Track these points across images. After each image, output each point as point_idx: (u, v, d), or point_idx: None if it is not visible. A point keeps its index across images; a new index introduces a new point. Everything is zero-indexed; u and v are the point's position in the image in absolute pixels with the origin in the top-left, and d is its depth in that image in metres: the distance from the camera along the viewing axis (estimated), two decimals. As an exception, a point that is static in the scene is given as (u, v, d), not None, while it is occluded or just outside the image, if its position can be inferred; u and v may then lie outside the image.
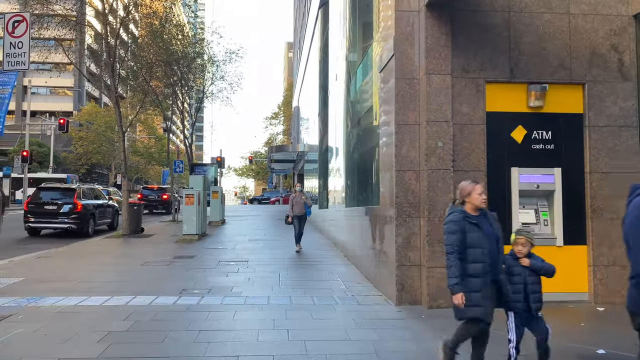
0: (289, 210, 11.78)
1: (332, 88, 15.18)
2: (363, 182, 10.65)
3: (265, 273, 8.78)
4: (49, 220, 15.14)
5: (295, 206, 11.72)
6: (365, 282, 8.01)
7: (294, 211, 11.70)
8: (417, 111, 6.58)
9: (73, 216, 15.14)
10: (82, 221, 15.38)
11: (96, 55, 20.71)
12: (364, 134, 10.94)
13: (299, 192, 12.03)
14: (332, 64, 15.36)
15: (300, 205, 11.73)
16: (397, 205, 6.47)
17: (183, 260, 10.31)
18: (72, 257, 10.57)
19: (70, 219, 15.11)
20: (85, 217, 15.52)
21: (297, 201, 11.73)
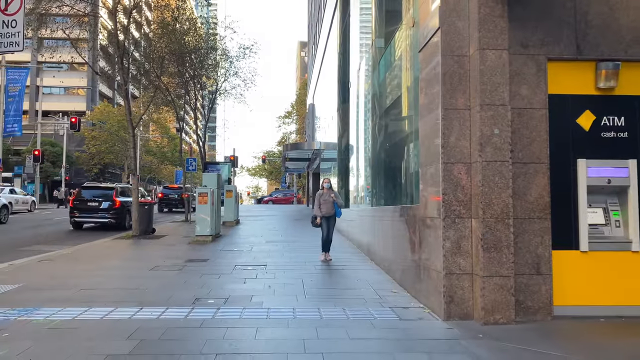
0: (316, 210, 10.18)
1: (354, 80, 14.27)
2: (392, 179, 9.72)
3: (287, 279, 7.89)
4: (91, 215, 17.34)
5: (323, 205, 10.14)
6: (400, 290, 7.08)
7: (322, 211, 10.13)
8: (467, 93, 5.64)
9: (112, 212, 17.26)
10: (120, 216, 17.48)
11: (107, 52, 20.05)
12: (393, 126, 10.02)
13: (327, 189, 10.22)
14: (354, 54, 14.45)
15: (329, 204, 10.11)
16: (444, 204, 5.53)
17: (196, 264, 9.47)
18: (76, 261, 9.78)
19: (109, 214, 17.23)
20: (123, 213, 17.55)
21: (325, 200, 10.11)
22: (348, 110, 15.23)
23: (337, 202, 10.09)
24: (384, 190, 10.26)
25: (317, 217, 10.07)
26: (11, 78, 30.08)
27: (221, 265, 9.28)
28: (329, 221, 10.11)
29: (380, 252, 9.13)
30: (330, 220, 10.12)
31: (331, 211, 10.07)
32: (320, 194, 10.23)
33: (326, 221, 10.07)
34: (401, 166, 9.48)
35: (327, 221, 10.07)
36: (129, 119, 14.59)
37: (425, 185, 6.20)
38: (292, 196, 57.30)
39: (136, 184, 14.87)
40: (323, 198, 10.10)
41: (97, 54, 16.96)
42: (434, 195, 5.80)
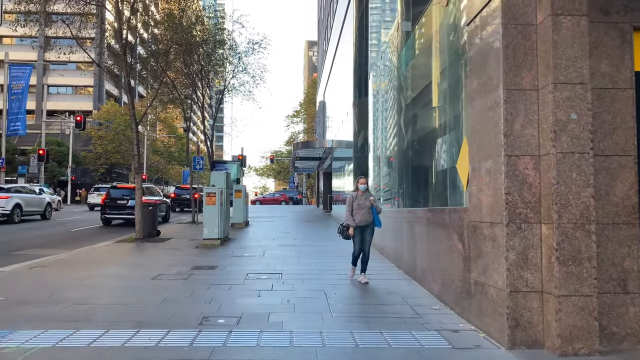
0: (347, 217, 7.73)
1: (374, 72, 13.26)
2: (423, 178, 8.71)
3: (307, 292, 6.89)
4: (119, 213, 18.96)
5: (358, 212, 7.69)
6: (442, 307, 6.06)
7: (356, 219, 7.69)
8: (534, 70, 4.61)
9: None
10: None
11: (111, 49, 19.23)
12: (422, 119, 9.00)
13: (362, 191, 7.78)
14: (373, 44, 13.43)
15: (365, 210, 7.68)
16: (508, 206, 4.51)
17: (203, 272, 8.49)
18: (72, 267, 8.83)
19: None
20: None
21: (361, 204, 7.69)
22: (366, 105, 14.20)
23: (376, 208, 7.74)
24: (412, 191, 9.24)
25: (348, 226, 7.71)
26: (15, 75, 29.33)
27: (231, 274, 8.30)
28: (365, 233, 7.75)
29: (410, 260, 8.10)
30: (367, 231, 7.77)
31: (368, 219, 7.69)
32: (354, 196, 7.79)
33: (360, 232, 7.74)
34: (433, 163, 8.46)
35: (361, 232, 7.75)
36: (132, 113, 13.66)
37: (478, 184, 5.17)
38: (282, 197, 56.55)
39: (139, 183, 13.93)
40: (357, 202, 7.69)
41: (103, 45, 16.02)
42: (492, 196, 4.78)
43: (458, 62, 7.74)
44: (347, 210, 7.80)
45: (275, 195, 59.16)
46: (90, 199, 32.27)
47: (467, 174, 6.95)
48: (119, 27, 13.85)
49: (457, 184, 7.79)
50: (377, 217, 7.78)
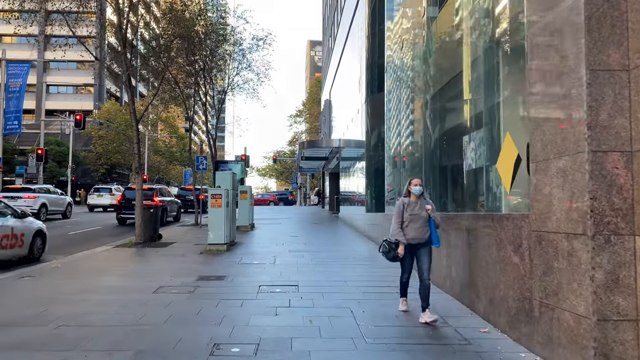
0: (396, 232, 5.72)
1: (391, 64, 12.40)
2: (455, 179, 7.86)
3: (330, 309, 6.03)
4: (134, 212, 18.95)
5: (412, 225, 5.70)
6: (492, 330, 5.20)
7: (408, 234, 5.70)
8: (624, 47, 3.75)
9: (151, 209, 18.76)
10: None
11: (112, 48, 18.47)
12: (453, 113, 8.16)
13: (416, 195, 5.78)
14: (391, 35, 12.57)
15: (420, 223, 5.71)
16: (593, 214, 3.65)
17: (211, 283, 7.64)
18: (65, 277, 7.99)
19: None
20: (161, 210, 18.32)
21: (415, 215, 5.71)
22: (381, 101, 13.34)
23: (434, 220, 5.77)
24: (440, 193, 8.39)
25: (397, 243, 5.71)
26: (12, 73, 28.47)
27: (242, 286, 7.45)
28: (420, 253, 5.75)
29: (443, 272, 7.24)
30: (422, 251, 5.74)
31: (424, 235, 5.71)
32: (405, 204, 5.76)
33: (412, 253, 5.79)
34: (464, 162, 7.63)
35: (414, 253, 5.79)
36: (132, 109, 12.83)
37: (546, 187, 4.31)
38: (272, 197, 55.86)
39: (140, 184, 13.09)
40: (411, 211, 5.71)
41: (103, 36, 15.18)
42: (570, 201, 3.92)
43: (495, 48, 6.91)
44: (396, 221, 5.75)
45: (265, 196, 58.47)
46: (90, 199, 31.46)
47: (511, 175, 6.10)
48: (119, 19, 13.01)
49: (494, 186, 6.95)
50: (436, 232, 5.78)
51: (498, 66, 6.85)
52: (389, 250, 5.83)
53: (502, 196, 6.51)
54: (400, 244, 5.72)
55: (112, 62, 17.92)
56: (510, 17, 6.02)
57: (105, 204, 30.65)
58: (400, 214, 5.79)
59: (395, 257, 5.80)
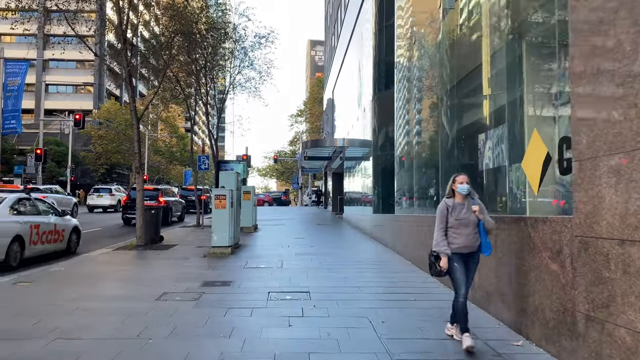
0: (439, 241, 4.76)
1: (401, 60, 11.98)
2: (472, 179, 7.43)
3: (347, 319, 5.61)
4: None
5: (458, 231, 4.76)
6: (526, 343, 4.78)
7: (455, 243, 4.75)
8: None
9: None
10: (165, 213, 18.61)
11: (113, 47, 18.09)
12: (470, 109, 7.75)
13: (463, 195, 4.81)
14: (401, 31, 12.15)
15: (470, 228, 4.76)
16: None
17: (216, 289, 7.22)
18: (62, 283, 7.56)
19: None
20: (167, 210, 19.73)
21: (463, 219, 4.76)
22: (390, 98, 12.92)
23: (484, 224, 4.78)
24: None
25: (438, 255, 4.75)
26: (10, 72, 28.08)
27: (250, 292, 7.02)
28: (469, 263, 4.80)
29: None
30: (471, 262, 4.83)
31: (475, 243, 4.76)
32: (450, 206, 4.79)
33: (462, 262, 4.74)
34: (482, 161, 7.22)
35: (464, 262, 4.75)
36: (132, 107, 12.41)
37: (593, 187, 3.88)
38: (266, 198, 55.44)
39: (140, 184, 12.67)
40: (457, 215, 4.74)
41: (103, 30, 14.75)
42: (626, 203, 3.49)
43: (520, 38, 6.51)
44: (438, 228, 4.76)
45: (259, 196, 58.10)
46: (90, 200, 31.04)
47: (539, 175, 5.69)
48: (119, 16, 12.59)
49: (515, 186, 6.55)
50: (486, 238, 4.78)
51: (518, 61, 6.46)
52: (431, 265, 4.83)
53: (527, 197, 6.11)
54: (442, 255, 4.68)
55: (112, 60, 17.52)
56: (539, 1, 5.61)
57: (105, 205, 30.20)
58: (444, 219, 4.75)
59: (439, 271, 4.74)
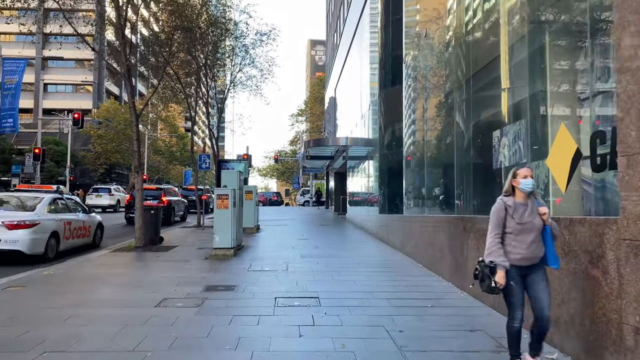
0: (494, 249, 3.86)
1: (410, 54, 11.56)
2: (490, 178, 7.03)
3: (362, 328, 5.20)
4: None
5: (522, 238, 3.84)
6: (561, 356, 4.36)
7: (515, 252, 3.85)
8: None
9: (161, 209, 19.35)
10: (167, 212, 19.40)
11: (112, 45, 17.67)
12: (488, 103, 7.33)
13: (526, 193, 3.90)
14: (410, 25, 11.72)
15: (533, 235, 3.85)
16: None
17: (220, 294, 6.80)
18: (56, 288, 7.13)
19: None
20: (169, 210, 20.12)
21: (526, 223, 3.85)
22: (398, 94, 12.50)
23: (551, 229, 3.92)
24: (474, 193, 7.56)
25: (500, 266, 3.81)
26: (8, 70, 27.66)
27: (255, 298, 6.60)
28: (534, 279, 3.90)
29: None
30: (537, 276, 3.91)
31: (539, 253, 3.89)
32: (510, 206, 3.91)
33: (523, 280, 3.89)
34: (501, 159, 6.81)
35: (524, 279, 3.90)
36: (131, 104, 11.99)
37: (646, 185, 3.47)
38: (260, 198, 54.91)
39: (140, 183, 12.25)
40: (519, 218, 3.86)
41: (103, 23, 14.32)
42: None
43: (542, 26, 6.12)
44: (493, 233, 3.89)
45: None
46: (89, 200, 30.61)
47: (568, 172, 5.28)
48: (117, 9, 12.17)
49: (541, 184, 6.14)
50: (553, 248, 3.89)
51: (540, 53, 6.06)
52: (484, 277, 3.86)
53: (550, 197, 5.71)
54: (498, 268, 3.78)
55: (111, 57, 17.11)
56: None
57: (104, 205, 29.79)
58: (501, 222, 3.86)
59: (493, 287, 3.80)
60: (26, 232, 9.64)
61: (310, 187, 57.25)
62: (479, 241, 6.53)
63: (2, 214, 9.88)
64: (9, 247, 9.48)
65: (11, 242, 9.48)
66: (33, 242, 9.73)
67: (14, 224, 9.56)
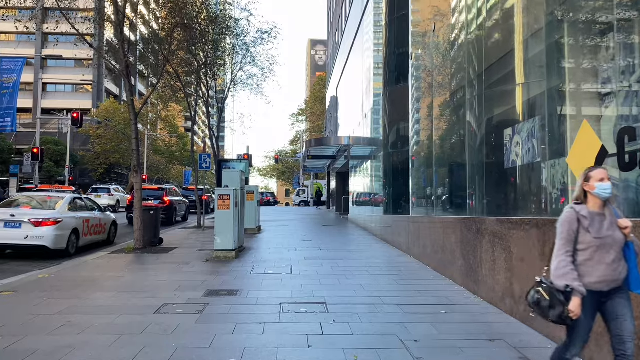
0: (565, 270, 3.12)
1: (419, 51, 11.23)
2: (505, 177, 6.72)
3: (374, 338, 4.88)
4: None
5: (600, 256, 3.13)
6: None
7: (593, 274, 3.13)
8: None
9: (163, 209, 18.08)
10: (169, 212, 19.85)
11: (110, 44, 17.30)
12: (501, 100, 7.03)
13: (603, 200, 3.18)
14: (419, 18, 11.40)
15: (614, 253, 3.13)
16: None
17: (222, 299, 6.47)
18: (49, 294, 6.79)
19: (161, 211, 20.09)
20: (172, 210, 20.33)
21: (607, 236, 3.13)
22: (404, 92, 12.16)
23: (634, 245, 3.18)
24: (486, 193, 7.23)
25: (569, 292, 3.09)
26: (6, 68, 27.31)
27: (259, 304, 6.27)
28: (615, 304, 3.18)
29: (498, 290, 6.07)
30: (618, 302, 3.17)
31: (620, 275, 3.15)
32: (585, 216, 3.17)
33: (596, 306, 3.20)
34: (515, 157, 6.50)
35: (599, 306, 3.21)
36: (129, 100, 11.66)
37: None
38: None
39: (139, 183, 11.92)
40: (596, 232, 3.14)
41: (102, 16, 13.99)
42: None
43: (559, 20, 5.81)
44: (563, 250, 3.18)
45: None
46: (88, 200, 30.27)
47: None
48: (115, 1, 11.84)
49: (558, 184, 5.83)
50: (637, 268, 3.17)
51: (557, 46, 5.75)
52: (552, 305, 3.12)
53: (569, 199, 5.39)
54: (574, 294, 3.08)
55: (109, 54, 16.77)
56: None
57: (103, 205, 29.45)
58: (572, 236, 3.17)
59: (564, 317, 3.10)
60: (50, 229, 10.35)
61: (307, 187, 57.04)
62: (494, 244, 6.21)
63: (28, 212, 10.63)
64: (35, 242, 10.22)
65: (37, 237, 10.22)
66: (57, 238, 10.43)
67: (39, 222, 10.28)
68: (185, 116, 73.86)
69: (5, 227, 10.19)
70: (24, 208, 11.00)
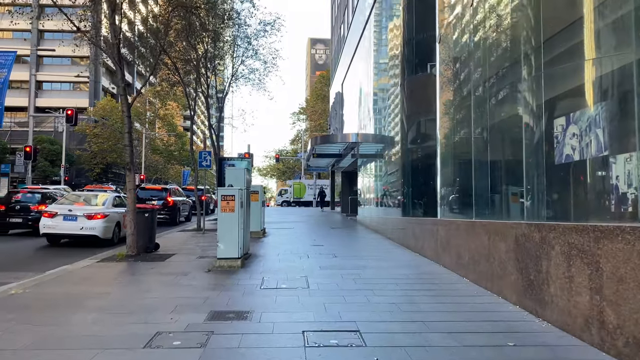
0: None
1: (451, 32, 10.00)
2: (571, 175, 5.50)
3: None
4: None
5: None
6: None
7: None
8: None
9: (166, 210, 19.61)
10: (173, 213, 20.24)
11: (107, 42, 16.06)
12: (564, 80, 5.81)
13: None
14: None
15: None
16: None
17: (229, 326, 5.22)
18: (19, 317, 5.54)
19: (164, 212, 18.93)
20: (175, 210, 20.53)
21: None
22: (426, 80, 10.92)
23: None
24: (547, 195, 6.00)
25: None
26: (-4, 63, 26.04)
27: (277, 332, 5.02)
28: None
29: (582, 310, 4.84)
30: None
31: None
32: None
33: None
34: (585, 151, 5.29)
35: None
36: (121, 90, 10.40)
37: None
38: None
39: (132, 182, 10.67)
40: None
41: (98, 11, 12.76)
42: None
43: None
44: None
45: None
46: (83, 201, 29.05)
47: None
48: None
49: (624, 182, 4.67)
50: None
51: None
52: None
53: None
54: None
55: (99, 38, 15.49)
56: None
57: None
58: None
59: None
60: (100, 221, 12.57)
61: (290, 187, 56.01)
62: (570, 257, 4.96)
63: (82, 208, 12.81)
64: (89, 232, 12.47)
65: (90, 228, 12.46)
66: (106, 229, 12.70)
67: (91, 215, 12.50)
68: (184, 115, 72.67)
69: (64, 220, 12.43)
70: (77, 205, 13.06)
